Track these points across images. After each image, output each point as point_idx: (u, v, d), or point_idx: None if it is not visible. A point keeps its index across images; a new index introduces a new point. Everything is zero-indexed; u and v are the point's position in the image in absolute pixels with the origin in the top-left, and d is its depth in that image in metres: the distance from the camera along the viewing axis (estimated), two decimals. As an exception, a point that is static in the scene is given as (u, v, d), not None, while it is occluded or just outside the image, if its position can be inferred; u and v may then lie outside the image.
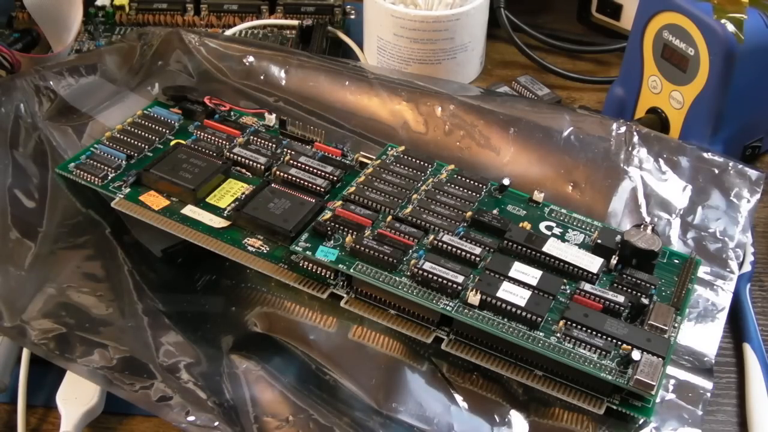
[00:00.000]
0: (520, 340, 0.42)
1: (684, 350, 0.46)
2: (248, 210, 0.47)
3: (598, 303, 0.44)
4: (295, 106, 0.59)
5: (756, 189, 0.54)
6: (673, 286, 0.47)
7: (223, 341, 0.45)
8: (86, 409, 0.43)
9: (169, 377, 0.42)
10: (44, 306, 0.45)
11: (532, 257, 0.46)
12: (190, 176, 0.49)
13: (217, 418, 0.41)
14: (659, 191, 0.54)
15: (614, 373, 0.41)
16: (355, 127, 0.58)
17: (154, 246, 0.50)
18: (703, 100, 0.58)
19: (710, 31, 0.55)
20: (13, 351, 0.46)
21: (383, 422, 0.42)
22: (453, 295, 0.44)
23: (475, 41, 0.69)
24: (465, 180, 0.51)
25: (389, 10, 0.66)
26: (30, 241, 0.48)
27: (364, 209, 0.48)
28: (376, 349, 0.45)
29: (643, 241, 0.47)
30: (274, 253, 0.47)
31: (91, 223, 0.49)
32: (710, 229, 0.52)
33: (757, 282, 0.53)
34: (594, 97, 0.69)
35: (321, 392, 0.43)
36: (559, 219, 0.50)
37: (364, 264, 0.45)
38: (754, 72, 0.56)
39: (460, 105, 0.59)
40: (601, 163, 0.56)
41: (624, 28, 0.73)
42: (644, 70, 0.62)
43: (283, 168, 0.51)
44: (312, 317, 0.47)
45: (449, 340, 0.44)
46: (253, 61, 0.60)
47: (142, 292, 0.46)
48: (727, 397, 0.47)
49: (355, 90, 0.60)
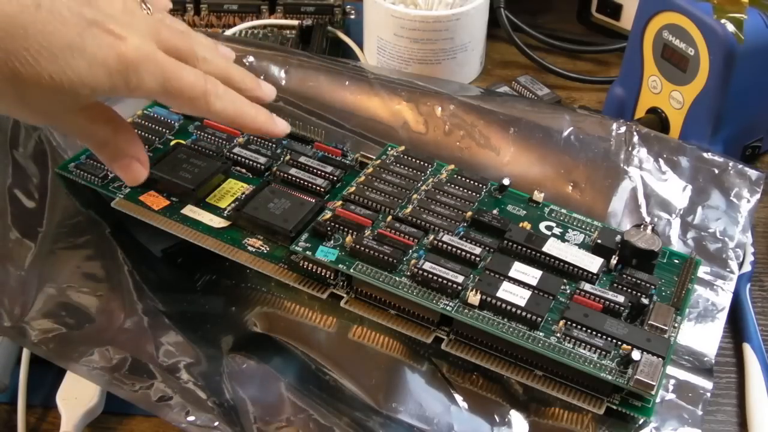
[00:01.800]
0: (520, 340, 0.42)
1: (684, 350, 0.46)
2: (248, 210, 0.47)
3: (598, 303, 0.44)
4: (295, 106, 0.59)
5: (756, 189, 0.54)
6: (673, 286, 0.47)
7: (223, 341, 0.45)
8: (86, 409, 0.43)
9: (169, 377, 0.42)
10: (44, 306, 0.45)
11: (532, 257, 0.46)
12: (190, 176, 0.49)
13: (217, 418, 0.41)
14: (659, 191, 0.54)
15: (614, 373, 0.41)
16: (355, 127, 0.58)
17: (154, 246, 0.50)
18: (703, 100, 0.58)
19: (710, 31, 0.55)
20: (13, 351, 0.46)
21: (383, 422, 0.42)
22: (453, 295, 0.44)
23: (475, 41, 0.69)
24: (465, 180, 0.51)
25: (389, 10, 0.66)
26: (30, 241, 0.48)
27: (364, 209, 0.48)
28: (376, 349, 0.46)
29: (643, 241, 0.47)
30: (274, 253, 0.47)
31: (91, 223, 0.49)
32: (710, 229, 0.52)
33: (757, 282, 0.53)
34: (594, 97, 0.69)
35: (321, 392, 0.43)
36: (559, 219, 0.50)
37: (364, 264, 0.45)
38: (754, 72, 0.56)
39: (460, 105, 0.59)
40: (601, 163, 0.56)
41: (624, 28, 0.73)
42: (644, 70, 0.62)
43: (283, 168, 0.51)
44: (312, 317, 0.47)
45: (449, 340, 0.44)
46: (253, 61, 0.60)
47: (142, 292, 0.46)
48: (727, 397, 0.47)
49: (355, 90, 0.60)
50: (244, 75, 0.46)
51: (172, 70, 0.40)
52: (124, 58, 0.38)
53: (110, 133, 0.42)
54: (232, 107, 0.43)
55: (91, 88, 0.37)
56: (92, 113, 0.41)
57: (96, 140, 0.42)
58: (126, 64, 0.38)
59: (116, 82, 0.38)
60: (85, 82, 0.37)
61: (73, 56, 0.36)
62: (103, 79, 0.37)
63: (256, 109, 0.44)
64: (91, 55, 0.37)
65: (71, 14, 0.37)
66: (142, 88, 0.39)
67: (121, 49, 0.38)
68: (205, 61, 0.43)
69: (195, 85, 0.41)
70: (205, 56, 0.43)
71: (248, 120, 0.44)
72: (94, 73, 0.37)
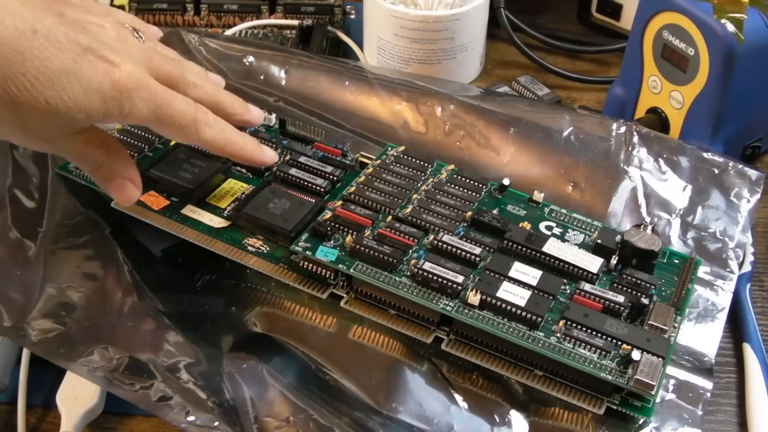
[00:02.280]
0: (520, 340, 0.42)
1: (684, 350, 0.46)
2: (248, 210, 0.47)
3: (598, 303, 0.44)
4: (295, 106, 0.59)
5: (756, 189, 0.54)
6: (673, 286, 0.47)
7: (223, 341, 0.45)
8: (86, 409, 0.43)
9: (169, 377, 0.42)
10: (44, 306, 0.45)
11: (532, 257, 0.46)
12: (190, 176, 0.49)
13: (217, 418, 0.41)
14: (659, 191, 0.54)
15: (614, 373, 0.41)
16: (355, 127, 0.58)
17: (154, 246, 0.50)
18: (703, 100, 0.58)
19: (710, 31, 0.55)
20: (13, 351, 0.46)
21: (383, 422, 0.42)
22: (453, 295, 0.44)
23: (475, 41, 0.69)
24: (465, 180, 0.51)
25: (389, 10, 0.66)
26: (30, 241, 0.48)
27: (364, 209, 0.48)
28: (376, 349, 0.46)
29: (643, 241, 0.47)
30: (274, 253, 0.47)
31: (91, 223, 0.49)
32: (710, 229, 0.52)
33: (757, 282, 0.53)
34: (594, 97, 0.69)
35: (321, 392, 0.43)
36: (559, 219, 0.50)
37: (364, 264, 0.45)
38: (754, 72, 0.56)
39: (460, 105, 0.59)
40: (601, 163, 0.56)
41: (624, 28, 0.73)
42: (644, 70, 0.62)
43: (283, 168, 0.51)
44: (312, 317, 0.47)
45: (449, 340, 0.44)
46: (253, 61, 0.60)
47: (142, 292, 0.46)
48: (727, 397, 0.47)
49: (355, 90, 0.60)
50: (233, 100, 0.47)
51: (164, 97, 0.41)
52: (118, 84, 0.38)
53: (104, 156, 0.42)
54: (221, 135, 0.44)
55: (86, 113, 0.38)
56: (87, 137, 0.42)
57: (90, 162, 0.43)
58: (120, 90, 0.39)
59: (110, 108, 0.39)
60: (81, 106, 0.38)
61: (69, 81, 0.37)
62: (98, 105, 0.38)
63: (245, 138, 0.46)
64: (87, 80, 0.38)
65: (67, 41, 0.38)
66: (135, 115, 0.40)
67: (116, 76, 0.38)
68: (195, 86, 0.44)
69: (186, 112, 0.42)
70: (196, 82, 0.44)
71: (237, 148, 0.45)
72: (89, 98, 0.38)
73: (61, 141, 0.40)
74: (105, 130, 0.43)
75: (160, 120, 0.41)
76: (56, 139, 0.40)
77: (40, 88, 0.36)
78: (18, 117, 0.37)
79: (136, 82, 0.39)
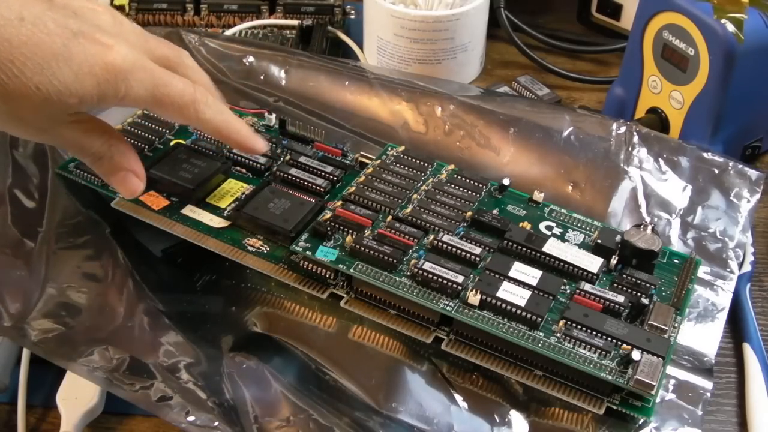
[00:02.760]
0: (520, 340, 0.42)
1: (684, 350, 0.46)
2: (248, 210, 0.47)
3: (598, 303, 0.44)
4: (295, 106, 0.59)
5: (756, 189, 0.54)
6: (673, 286, 0.47)
7: (223, 341, 0.45)
8: (86, 409, 0.43)
9: (169, 377, 0.42)
10: (44, 306, 0.45)
11: (532, 257, 0.46)
12: (190, 176, 0.49)
13: (217, 418, 0.41)
14: (659, 191, 0.54)
15: (614, 373, 0.41)
16: (355, 127, 0.58)
17: (154, 246, 0.50)
18: (703, 100, 0.58)
19: (710, 31, 0.55)
20: (13, 351, 0.46)
21: (383, 422, 0.42)
22: (453, 295, 0.44)
23: (475, 41, 0.69)
24: (465, 180, 0.51)
25: (389, 10, 0.66)
26: (30, 241, 0.48)
27: (364, 209, 0.48)
28: (376, 349, 0.46)
29: (643, 241, 0.47)
30: (274, 253, 0.47)
31: (91, 223, 0.49)
32: (710, 229, 0.52)
33: (757, 282, 0.53)
34: (594, 97, 0.69)
35: (321, 392, 0.43)
36: (559, 219, 0.50)
37: (364, 264, 0.45)
38: (754, 72, 0.56)
39: (460, 105, 0.59)
40: (601, 163, 0.56)
41: (624, 28, 0.73)
42: (644, 70, 0.62)
43: (283, 168, 0.51)
44: (312, 317, 0.47)
45: (449, 340, 0.44)
46: (253, 61, 0.60)
47: (142, 292, 0.46)
48: (727, 397, 0.47)
49: (355, 90, 0.60)
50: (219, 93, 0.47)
51: (161, 77, 0.40)
52: (112, 66, 0.38)
53: (105, 147, 0.42)
54: (220, 117, 0.43)
55: (79, 97, 0.38)
56: (86, 127, 0.41)
57: (91, 154, 0.42)
58: (114, 72, 0.38)
59: (104, 91, 0.38)
60: (72, 91, 0.37)
61: (59, 66, 0.37)
62: (91, 88, 0.38)
63: (240, 123, 0.45)
64: (77, 64, 0.37)
65: (56, 26, 0.37)
66: (131, 96, 0.39)
67: (109, 58, 0.38)
68: (193, 69, 0.44)
69: (185, 92, 0.41)
70: (193, 66, 0.44)
71: (233, 131, 0.44)
72: (81, 81, 0.37)
73: (58, 130, 0.40)
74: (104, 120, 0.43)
75: (158, 100, 0.40)
76: (52, 129, 0.40)
77: (29, 74, 0.36)
78: (10, 106, 0.37)
79: (131, 64, 0.39)
